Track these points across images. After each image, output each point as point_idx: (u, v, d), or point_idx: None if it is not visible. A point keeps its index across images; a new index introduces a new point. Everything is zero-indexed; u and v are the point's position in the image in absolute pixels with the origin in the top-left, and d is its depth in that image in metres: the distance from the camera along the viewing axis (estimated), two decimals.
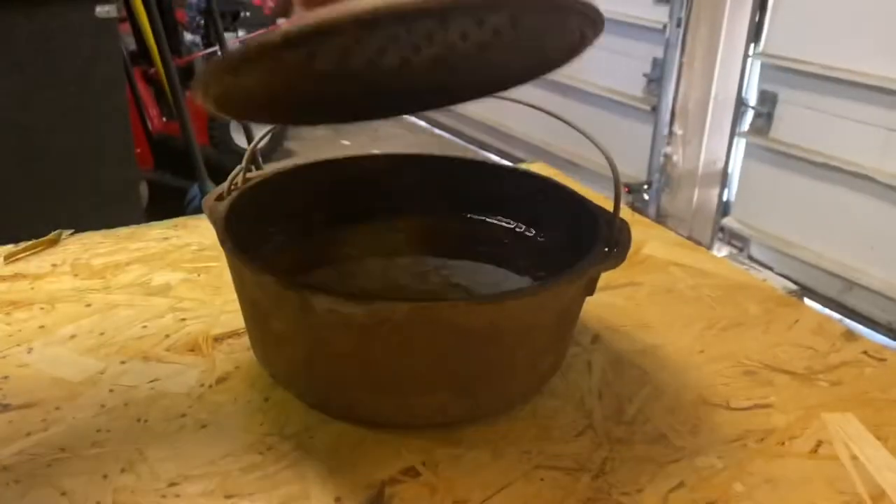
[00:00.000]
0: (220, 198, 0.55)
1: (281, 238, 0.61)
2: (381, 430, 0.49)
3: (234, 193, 0.55)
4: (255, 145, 0.57)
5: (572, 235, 0.60)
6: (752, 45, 2.24)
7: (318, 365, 0.48)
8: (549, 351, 0.53)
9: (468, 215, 0.66)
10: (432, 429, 0.49)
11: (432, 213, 0.66)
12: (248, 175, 0.57)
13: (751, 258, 2.39)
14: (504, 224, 0.65)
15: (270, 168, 0.62)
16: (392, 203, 0.66)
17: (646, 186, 2.62)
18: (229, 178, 0.56)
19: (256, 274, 0.46)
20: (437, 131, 3.76)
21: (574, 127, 0.56)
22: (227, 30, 3.18)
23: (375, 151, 0.67)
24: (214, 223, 0.51)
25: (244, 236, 0.51)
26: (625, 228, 0.52)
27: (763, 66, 2.23)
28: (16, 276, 0.66)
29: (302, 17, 0.33)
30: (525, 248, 0.63)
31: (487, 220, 0.66)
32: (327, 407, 0.50)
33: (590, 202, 0.58)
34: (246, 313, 0.53)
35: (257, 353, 0.54)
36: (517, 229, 0.65)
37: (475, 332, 0.46)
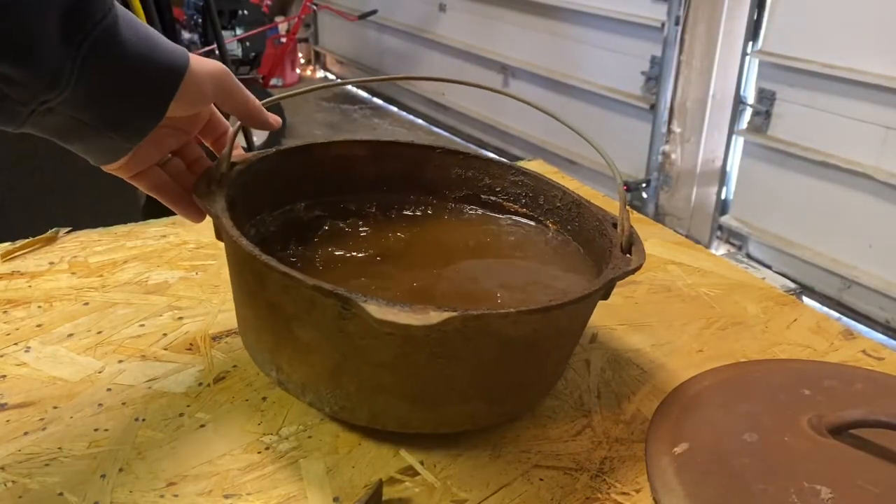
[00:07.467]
0: (209, 186, 0.51)
1: (273, 230, 0.58)
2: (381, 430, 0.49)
3: (227, 184, 0.51)
4: (237, 130, 0.53)
5: (573, 236, 0.60)
6: (751, 44, 2.24)
7: (347, 374, 0.46)
8: (568, 354, 0.54)
9: (449, 205, 0.65)
10: None
11: (427, 206, 0.65)
12: (234, 159, 0.54)
13: (749, 256, 2.39)
14: (492, 215, 0.65)
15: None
16: (374, 189, 0.64)
17: (644, 185, 2.62)
18: (215, 165, 0.52)
19: (285, 277, 0.42)
20: (435, 129, 3.76)
21: (576, 131, 0.56)
22: (224, 28, 3.18)
23: None
24: (217, 217, 0.47)
25: (242, 230, 0.48)
26: (634, 232, 0.52)
27: (761, 64, 2.23)
28: (13, 275, 0.66)
29: None
30: (531, 244, 0.62)
31: (473, 211, 0.65)
32: (351, 416, 0.48)
33: (587, 201, 0.58)
34: (259, 317, 0.49)
35: (260, 359, 0.51)
36: (510, 223, 0.64)
37: (518, 341, 0.45)
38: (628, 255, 0.51)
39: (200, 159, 0.55)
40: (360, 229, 0.61)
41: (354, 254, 0.57)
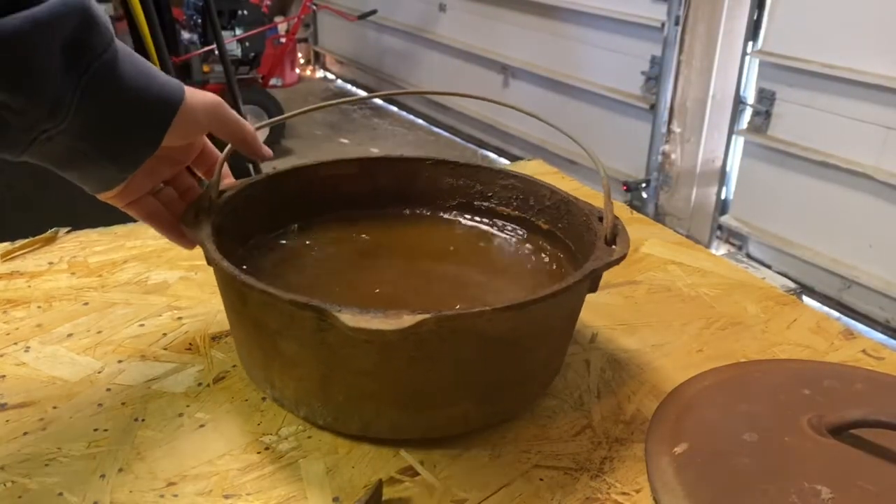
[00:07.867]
0: (196, 215, 0.51)
1: (261, 252, 0.59)
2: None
3: (214, 211, 0.52)
4: (224, 158, 0.53)
5: (563, 233, 0.60)
6: (751, 44, 2.24)
7: (334, 385, 0.46)
8: (560, 350, 0.53)
9: (444, 215, 0.66)
10: None
11: (406, 216, 0.65)
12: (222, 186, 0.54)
13: (749, 256, 2.39)
14: (482, 224, 0.65)
15: (261, 173, 0.60)
16: (367, 206, 0.64)
17: (644, 185, 2.62)
18: (203, 193, 0.53)
19: (263, 294, 0.42)
20: (435, 129, 3.76)
21: (559, 129, 0.56)
22: (224, 28, 3.18)
23: (374, 150, 0.66)
24: (202, 244, 0.49)
25: (232, 254, 0.49)
26: (619, 223, 0.52)
27: (761, 64, 2.23)
28: (13, 275, 0.66)
29: None
30: (512, 248, 0.63)
31: (465, 220, 0.65)
32: (344, 426, 0.48)
33: (574, 198, 0.59)
34: (248, 336, 0.50)
35: (256, 377, 0.51)
36: (496, 229, 0.64)
37: (497, 339, 0.45)
38: (613, 247, 0.50)
39: (193, 188, 0.56)
40: (352, 242, 0.61)
41: (344, 266, 0.58)
